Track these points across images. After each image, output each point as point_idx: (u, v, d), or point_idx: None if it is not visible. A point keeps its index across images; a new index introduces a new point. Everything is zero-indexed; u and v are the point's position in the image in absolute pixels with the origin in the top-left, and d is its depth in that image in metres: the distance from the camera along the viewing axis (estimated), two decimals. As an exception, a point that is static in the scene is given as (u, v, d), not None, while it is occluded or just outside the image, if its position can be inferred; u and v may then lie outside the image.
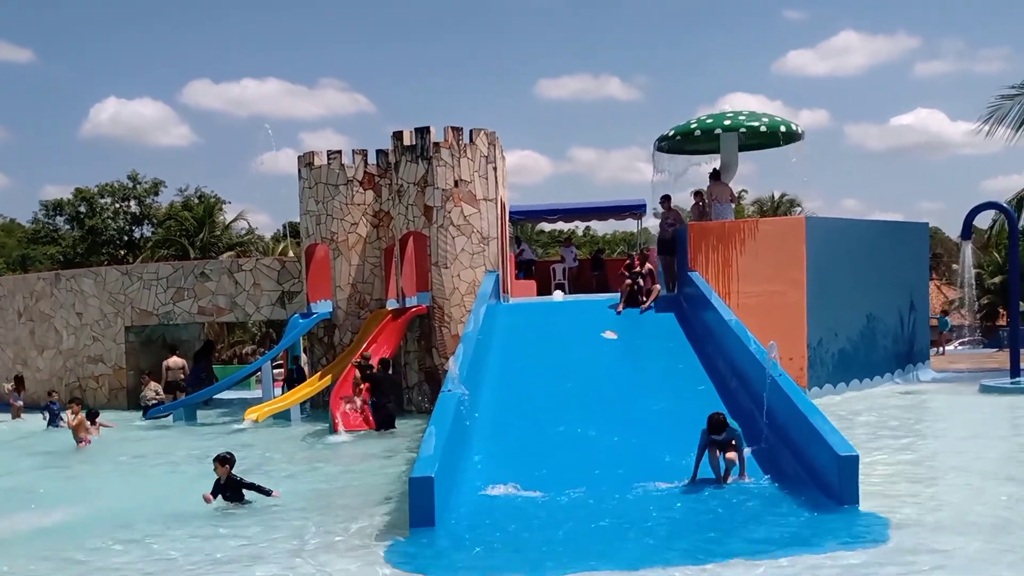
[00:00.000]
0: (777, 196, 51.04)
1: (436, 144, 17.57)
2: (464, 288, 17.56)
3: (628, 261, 17.42)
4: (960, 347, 30.95)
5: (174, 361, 20.96)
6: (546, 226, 42.72)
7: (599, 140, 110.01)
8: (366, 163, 19.50)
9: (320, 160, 19.56)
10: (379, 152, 19.50)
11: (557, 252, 31.83)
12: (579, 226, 56.48)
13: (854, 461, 8.50)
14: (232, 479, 9.83)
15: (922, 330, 20.18)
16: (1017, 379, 16.79)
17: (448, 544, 7.88)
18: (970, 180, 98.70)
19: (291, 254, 30.40)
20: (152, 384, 19.76)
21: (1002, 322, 25.07)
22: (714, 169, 18.52)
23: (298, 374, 19.67)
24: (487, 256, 17.76)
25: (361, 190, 19.43)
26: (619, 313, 16.26)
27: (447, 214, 17.51)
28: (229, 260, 23.37)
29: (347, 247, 19.35)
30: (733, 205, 18.84)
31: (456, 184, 17.55)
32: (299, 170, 19.93)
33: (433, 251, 17.62)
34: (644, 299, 16.41)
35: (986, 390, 16.55)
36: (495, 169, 17.89)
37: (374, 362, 16.21)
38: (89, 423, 16.34)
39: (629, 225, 30.62)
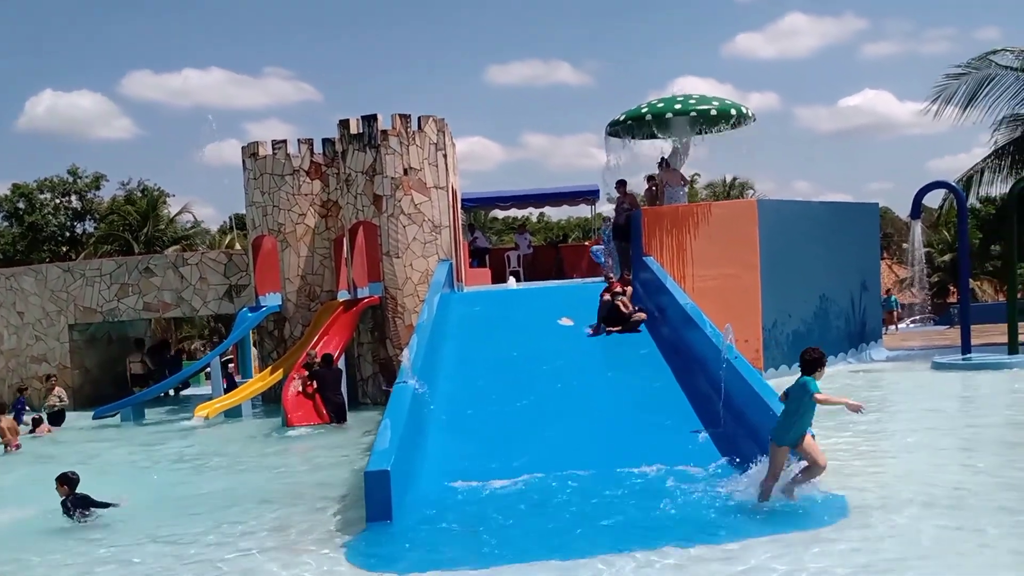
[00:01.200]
0: (729, 179, 51.46)
1: (384, 132, 17.23)
2: (417, 278, 17.29)
3: (608, 285, 15.38)
4: (912, 325, 31.41)
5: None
6: (499, 213, 42.39)
7: (551, 126, 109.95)
8: (312, 152, 19.09)
9: (265, 150, 19.11)
10: (325, 141, 19.12)
11: (511, 239, 31.61)
12: (533, 213, 56.30)
13: (811, 442, 8.40)
14: (77, 497, 9.08)
15: (874, 309, 20.37)
16: (968, 355, 16.97)
17: (406, 538, 7.66)
18: (918, 160, 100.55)
19: (238, 247, 29.85)
20: (57, 390, 18.63)
21: (953, 299, 25.45)
22: (662, 158, 18.51)
23: (228, 383, 19.27)
24: (439, 245, 17.49)
25: (308, 180, 19.02)
26: (592, 335, 14.72)
27: (397, 203, 17.20)
28: (174, 254, 22.81)
29: (295, 238, 18.94)
30: (685, 188, 18.79)
31: (406, 172, 17.23)
32: (243, 161, 19.46)
33: (384, 241, 17.30)
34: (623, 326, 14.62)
35: (938, 367, 16.71)
36: (445, 156, 17.61)
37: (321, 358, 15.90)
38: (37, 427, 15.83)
39: (583, 211, 30.50)
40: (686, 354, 13.00)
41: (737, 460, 9.55)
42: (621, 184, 18.12)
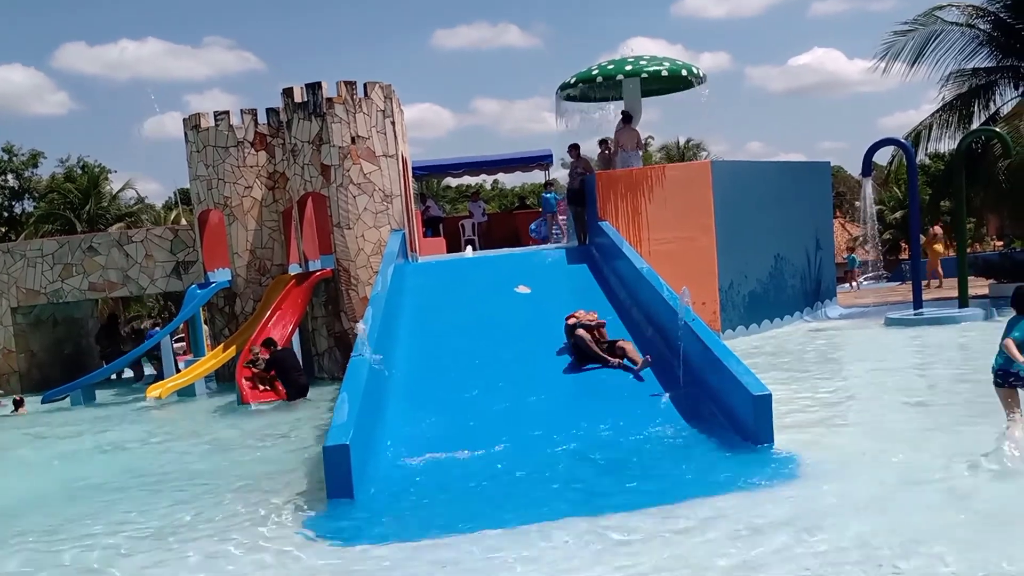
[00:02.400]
0: (683, 141, 51.47)
1: (329, 100, 16.78)
2: (370, 249, 16.96)
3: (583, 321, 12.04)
4: (865, 282, 31.82)
5: None
6: (452, 181, 42.09)
7: (501, 91, 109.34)
8: (256, 123, 18.58)
9: (207, 122, 18.56)
10: (269, 111, 18.61)
11: (465, 208, 31.29)
12: (487, 180, 55.94)
13: (767, 400, 8.45)
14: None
15: (828, 268, 20.51)
16: (920, 310, 17.15)
17: (367, 513, 7.55)
18: (869, 117, 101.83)
19: (184, 222, 29.16)
20: None
21: (905, 256, 25.72)
22: (624, 112, 18.22)
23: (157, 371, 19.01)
24: (391, 215, 17.17)
25: (253, 151, 18.53)
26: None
27: (346, 172, 16.81)
28: (118, 232, 22.18)
29: (242, 212, 18.48)
30: (640, 152, 18.65)
31: (353, 141, 16.83)
32: (186, 133, 18.87)
33: (334, 212, 16.93)
34: (617, 359, 11.44)
35: (891, 323, 16.87)
36: (393, 124, 17.23)
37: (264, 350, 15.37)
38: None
39: (537, 177, 30.25)
40: (644, 318, 12.93)
41: (697, 421, 9.55)
42: (574, 148, 17.93)
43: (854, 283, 31.31)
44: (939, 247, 27.02)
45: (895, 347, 14.65)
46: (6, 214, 42.50)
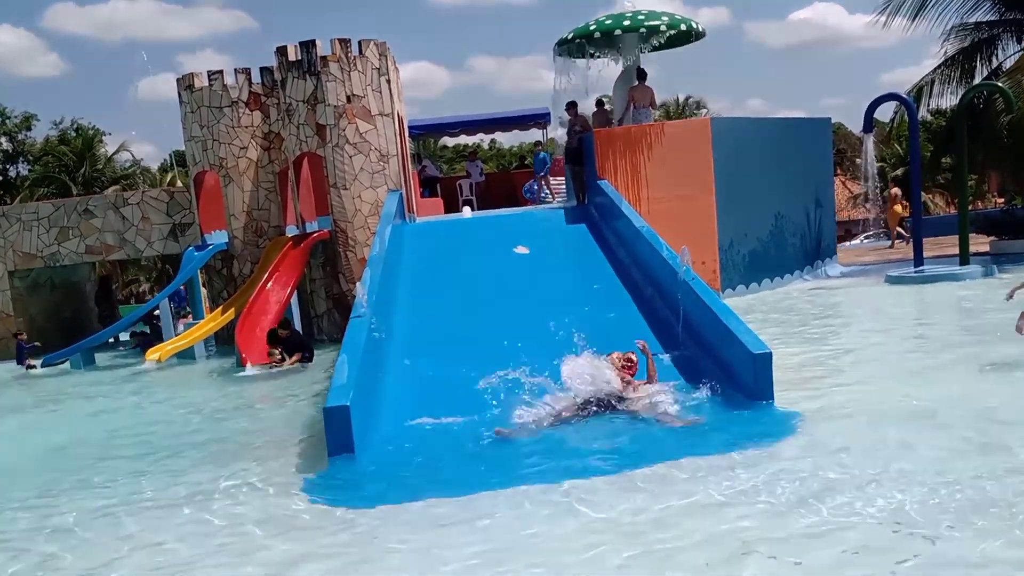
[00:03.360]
0: (682, 99, 51.11)
1: (324, 58, 16.55)
2: (367, 209, 16.84)
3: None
4: (866, 240, 31.57)
5: None
6: (449, 141, 41.73)
7: (498, 48, 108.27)
8: (250, 82, 18.34)
9: (201, 81, 18.32)
10: (264, 70, 18.34)
11: (463, 168, 31.09)
12: (484, 140, 55.59)
13: (767, 358, 8.37)
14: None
15: (829, 226, 20.37)
16: (921, 268, 17.06)
17: (365, 474, 7.47)
18: (870, 73, 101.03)
19: (180, 184, 28.95)
20: None
21: (905, 213, 25.53)
22: (639, 68, 17.99)
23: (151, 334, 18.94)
24: (388, 175, 17.01)
25: (248, 111, 18.31)
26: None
27: (341, 132, 16.63)
28: (114, 194, 22.00)
29: (238, 173, 18.31)
30: (652, 110, 18.43)
31: (348, 100, 16.62)
32: (179, 94, 18.65)
33: (330, 172, 16.78)
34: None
35: (892, 280, 16.80)
36: (389, 82, 17.01)
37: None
38: None
39: (534, 135, 29.99)
40: (643, 278, 12.85)
41: (697, 381, 9.51)
42: (572, 106, 17.71)
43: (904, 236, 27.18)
44: (898, 208, 26.74)
45: (895, 304, 14.60)
46: (1, 177, 42.25)
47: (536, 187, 23.93)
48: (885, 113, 24.54)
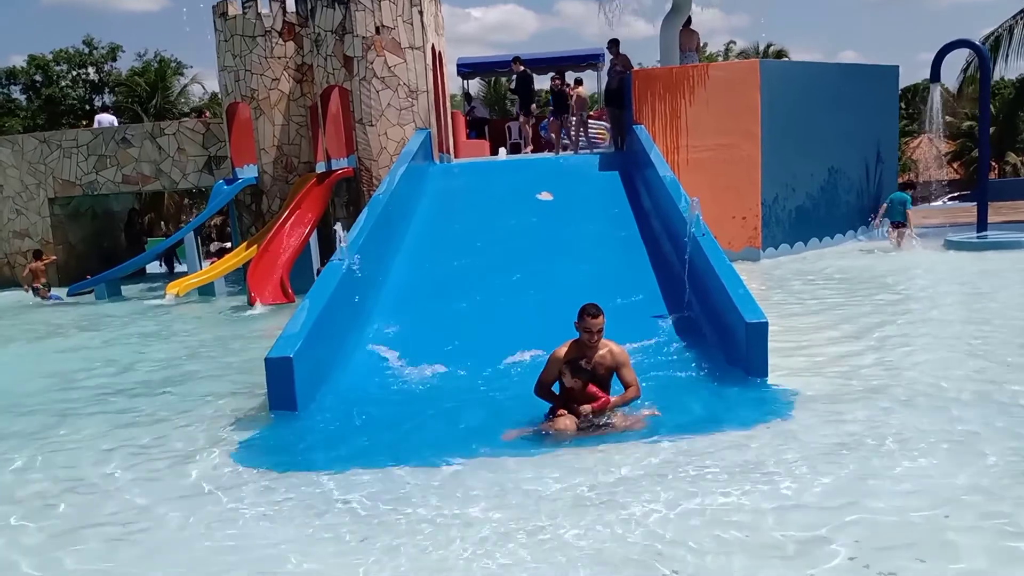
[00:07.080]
0: (763, 47, 48.65)
1: (352, -14, 15.80)
2: (392, 148, 16.17)
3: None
4: (949, 203, 29.43)
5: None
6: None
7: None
8: (285, 11, 17.71)
9: (235, 9, 17.78)
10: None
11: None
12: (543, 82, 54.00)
13: (761, 328, 7.43)
14: None
15: (890, 183, 18.89)
16: (984, 233, 15.67)
17: (296, 435, 6.87)
18: (970, 29, 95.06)
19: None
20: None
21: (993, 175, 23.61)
22: (688, 17, 17.07)
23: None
24: (416, 112, 16.27)
25: (281, 42, 17.72)
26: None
27: (369, 65, 15.91)
28: (151, 124, 21.78)
29: (269, 105, 17.80)
30: (696, 55, 17.33)
31: (377, 31, 15.87)
32: (214, 21, 18.13)
33: (356, 107, 16.13)
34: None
35: (950, 245, 15.48)
36: (421, 13, 16.15)
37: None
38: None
39: (590, 78, 28.61)
40: (662, 231, 11.95)
41: (695, 346, 8.67)
42: (614, 44, 16.67)
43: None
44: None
45: (945, 273, 13.34)
46: (88, 107, 42.90)
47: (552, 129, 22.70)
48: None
